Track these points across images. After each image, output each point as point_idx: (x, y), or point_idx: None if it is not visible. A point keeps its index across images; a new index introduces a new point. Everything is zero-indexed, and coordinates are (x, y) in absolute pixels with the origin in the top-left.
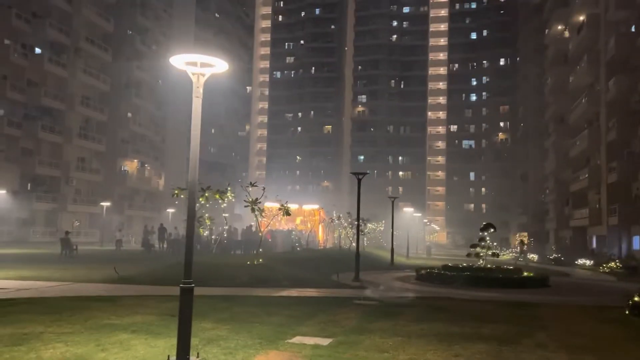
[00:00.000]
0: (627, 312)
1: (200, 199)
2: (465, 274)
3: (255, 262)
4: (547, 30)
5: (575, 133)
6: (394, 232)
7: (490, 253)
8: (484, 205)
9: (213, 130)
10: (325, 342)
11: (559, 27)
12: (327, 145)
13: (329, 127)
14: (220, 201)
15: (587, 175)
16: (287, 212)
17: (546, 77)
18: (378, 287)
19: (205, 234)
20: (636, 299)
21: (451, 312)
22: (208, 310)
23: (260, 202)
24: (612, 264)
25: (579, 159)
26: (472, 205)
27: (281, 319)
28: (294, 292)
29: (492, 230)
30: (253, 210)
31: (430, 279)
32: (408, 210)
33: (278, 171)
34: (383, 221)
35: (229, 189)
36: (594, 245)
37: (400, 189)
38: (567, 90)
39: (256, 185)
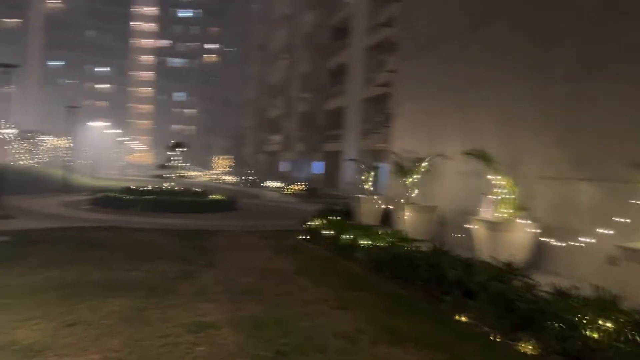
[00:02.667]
0: (301, 237)
1: None
2: (147, 198)
3: None
4: None
5: (275, 62)
6: (83, 150)
7: (178, 174)
8: (192, 127)
9: None
10: None
11: None
12: (9, 42)
13: (13, 21)
14: None
15: (282, 104)
16: None
17: (253, 3)
18: (30, 216)
19: None
20: (310, 223)
21: (108, 248)
22: None
23: None
24: (296, 187)
25: (277, 88)
26: (181, 126)
27: None
28: None
29: (182, 149)
30: None
31: (107, 204)
32: (98, 125)
33: None
34: (70, 137)
35: None
36: (285, 168)
37: (101, 103)
38: (271, 18)
39: None
